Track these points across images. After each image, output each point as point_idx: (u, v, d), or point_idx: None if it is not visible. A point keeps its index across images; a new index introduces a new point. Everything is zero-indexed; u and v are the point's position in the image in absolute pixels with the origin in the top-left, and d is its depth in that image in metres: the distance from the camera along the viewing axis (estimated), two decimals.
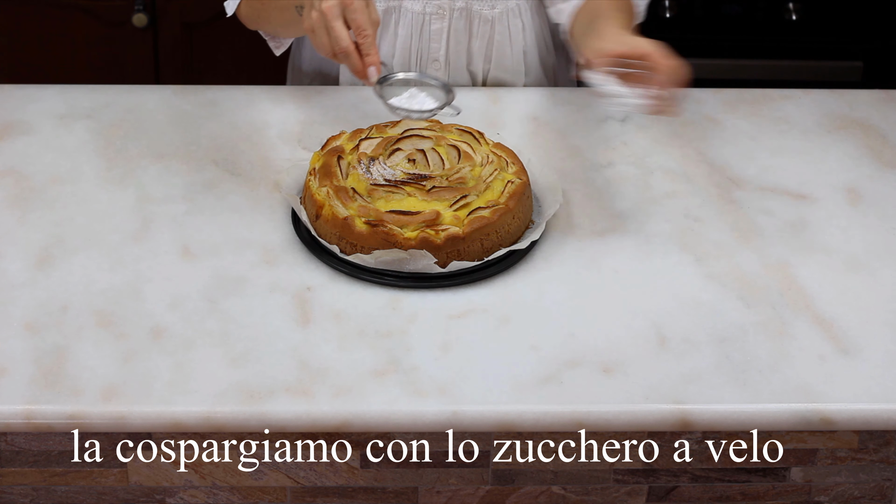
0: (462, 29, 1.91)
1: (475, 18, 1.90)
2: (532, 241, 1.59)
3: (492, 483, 1.51)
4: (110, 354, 1.42)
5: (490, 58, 1.94)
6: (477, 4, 1.90)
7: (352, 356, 1.43)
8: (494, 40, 1.93)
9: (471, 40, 1.92)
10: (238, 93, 1.89)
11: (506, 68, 1.95)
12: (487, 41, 1.93)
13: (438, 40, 1.91)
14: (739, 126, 1.87)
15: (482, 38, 1.92)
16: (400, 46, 1.91)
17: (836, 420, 1.39)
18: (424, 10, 1.88)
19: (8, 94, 1.88)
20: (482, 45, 1.93)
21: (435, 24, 1.90)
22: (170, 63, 2.72)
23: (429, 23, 1.89)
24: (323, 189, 1.58)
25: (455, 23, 1.90)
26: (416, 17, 1.89)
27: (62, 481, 1.48)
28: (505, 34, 1.92)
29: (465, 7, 1.90)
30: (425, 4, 1.88)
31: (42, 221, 1.63)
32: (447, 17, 1.89)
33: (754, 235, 1.64)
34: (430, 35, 1.90)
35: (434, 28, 1.90)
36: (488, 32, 1.92)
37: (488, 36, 1.92)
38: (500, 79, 1.96)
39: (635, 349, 1.45)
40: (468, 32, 1.92)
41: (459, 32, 1.91)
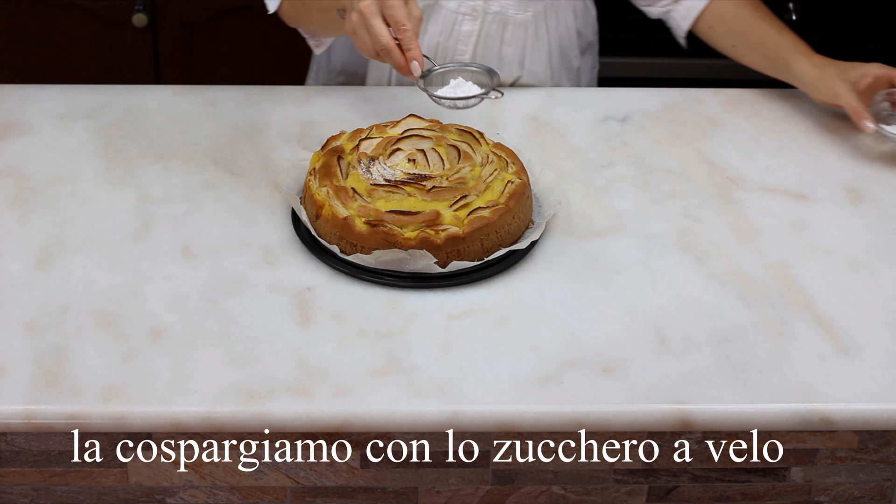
0: (494, 34, 1.90)
1: (509, 24, 1.89)
2: (532, 241, 1.59)
3: (492, 483, 1.51)
4: (110, 354, 1.42)
5: (524, 64, 1.93)
6: (512, 9, 1.89)
7: (352, 356, 1.43)
8: (528, 45, 1.92)
9: (503, 46, 1.91)
10: (238, 93, 1.89)
11: (535, 73, 1.95)
12: (521, 47, 1.92)
13: (467, 42, 1.90)
14: (739, 126, 1.87)
15: (516, 45, 1.91)
16: (427, 43, 1.90)
17: (836, 420, 1.39)
18: (458, 8, 1.87)
19: (8, 94, 1.88)
20: (516, 52, 1.92)
21: (466, 25, 1.89)
22: (170, 63, 2.72)
23: (460, 23, 1.88)
24: (323, 189, 1.58)
25: (488, 27, 1.89)
26: (448, 16, 1.88)
27: (62, 481, 1.48)
28: (535, 38, 1.92)
29: (499, 11, 1.89)
30: (460, 3, 1.87)
31: (42, 221, 1.63)
32: (480, 20, 1.88)
33: (754, 235, 1.64)
34: (460, 36, 1.89)
35: (465, 29, 1.89)
36: (522, 38, 1.91)
37: (522, 41, 1.91)
38: (530, 83, 1.96)
39: (635, 349, 1.45)
40: (500, 38, 1.91)
41: (491, 37, 1.90)
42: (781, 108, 1.91)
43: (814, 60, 1.83)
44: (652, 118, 1.87)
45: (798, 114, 1.90)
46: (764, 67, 1.90)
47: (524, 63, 1.94)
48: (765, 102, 1.92)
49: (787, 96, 1.94)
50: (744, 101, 1.92)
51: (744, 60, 1.92)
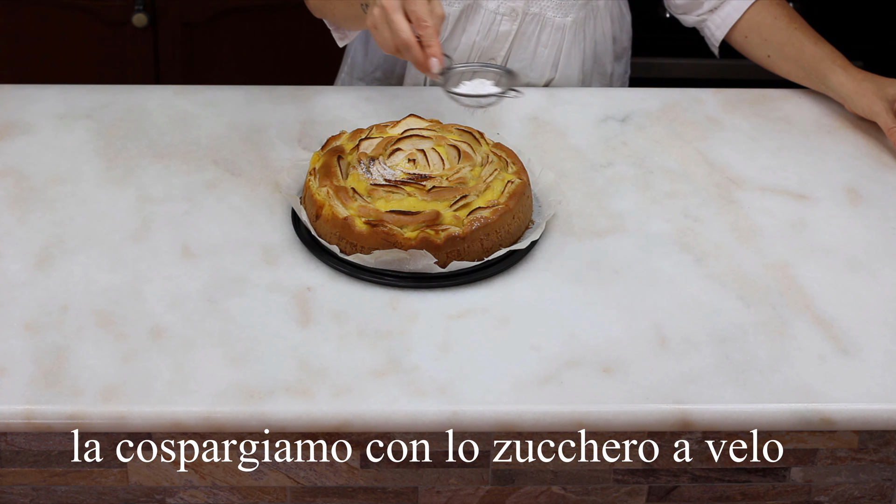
0: (531, 34, 1.90)
1: (547, 26, 1.90)
2: (532, 241, 1.59)
3: (492, 483, 1.51)
4: (110, 354, 1.42)
5: (557, 66, 1.93)
6: (551, 11, 1.89)
7: (352, 356, 1.43)
8: (563, 49, 1.92)
9: (538, 48, 1.92)
10: (238, 93, 1.89)
11: (568, 77, 1.95)
12: (557, 49, 1.92)
13: (504, 42, 1.90)
14: (739, 126, 1.87)
15: (552, 47, 1.91)
16: (465, 42, 1.90)
17: (836, 420, 1.39)
18: (497, 9, 1.88)
19: (8, 94, 1.88)
20: (551, 53, 1.92)
21: (504, 25, 1.89)
22: (170, 63, 2.72)
23: (498, 23, 1.89)
24: (323, 189, 1.58)
25: (525, 27, 1.90)
26: (487, 16, 1.88)
27: (62, 481, 1.48)
28: (572, 42, 1.92)
29: (538, 13, 1.89)
30: (499, 4, 1.87)
31: (42, 221, 1.63)
32: (518, 21, 1.89)
33: (754, 235, 1.64)
34: (497, 36, 1.89)
35: (502, 30, 1.89)
36: (559, 41, 1.91)
37: (558, 44, 1.91)
38: (561, 86, 1.96)
39: (635, 349, 1.45)
40: (536, 40, 1.91)
41: (527, 38, 1.91)
42: (781, 108, 1.91)
43: (851, 73, 1.83)
44: (652, 118, 1.87)
45: (798, 114, 1.90)
46: (800, 78, 1.90)
47: (558, 66, 1.94)
48: (765, 102, 1.92)
49: (787, 96, 1.94)
50: (744, 101, 1.92)
51: (780, 71, 1.92)
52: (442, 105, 1.87)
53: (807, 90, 1.96)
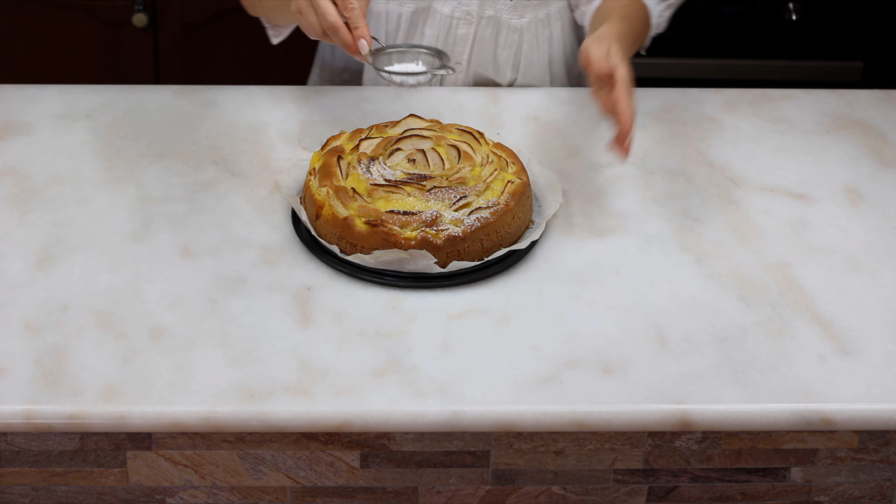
0: (489, 37, 1.91)
1: (503, 28, 1.90)
2: (532, 241, 1.59)
3: (492, 483, 1.51)
4: (110, 354, 1.42)
5: (518, 67, 1.94)
6: (506, 14, 1.89)
7: (352, 356, 1.43)
8: (522, 50, 1.92)
9: (497, 49, 1.92)
10: (238, 93, 1.89)
11: (532, 77, 1.95)
12: (515, 50, 1.92)
13: (463, 45, 1.90)
14: (739, 126, 1.87)
15: (510, 48, 1.92)
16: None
17: (836, 420, 1.39)
18: (453, 13, 1.88)
19: (8, 94, 1.88)
20: (510, 55, 1.92)
21: (462, 29, 1.89)
22: (170, 63, 2.72)
23: (455, 27, 1.89)
24: (323, 189, 1.58)
25: (482, 30, 1.90)
26: (443, 20, 1.88)
27: (62, 481, 1.48)
28: (533, 44, 1.92)
29: (494, 16, 1.89)
30: (454, 8, 1.87)
31: (42, 221, 1.63)
32: (475, 24, 1.89)
33: (754, 235, 1.64)
34: (456, 39, 1.90)
35: (460, 33, 1.89)
36: (516, 42, 1.91)
37: (516, 45, 1.92)
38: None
39: (635, 349, 1.45)
40: (494, 41, 1.91)
41: (486, 41, 1.91)
42: (781, 108, 1.91)
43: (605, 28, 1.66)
44: (652, 118, 1.87)
45: (798, 114, 1.90)
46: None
47: (519, 67, 1.94)
48: (765, 102, 1.92)
49: (788, 96, 1.94)
50: (744, 101, 1.92)
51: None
52: (442, 105, 1.87)
53: (807, 90, 1.96)
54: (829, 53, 2.66)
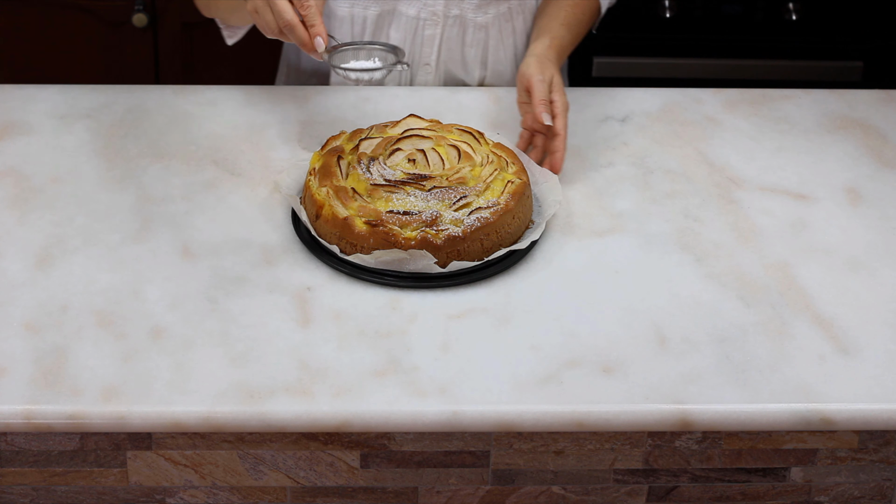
0: (455, 37, 1.91)
1: (469, 26, 1.91)
2: (532, 241, 1.59)
3: (492, 483, 1.51)
4: (110, 354, 1.42)
5: (486, 64, 1.94)
6: (471, 12, 1.90)
7: (352, 356, 1.43)
8: (489, 46, 1.93)
9: (465, 48, 1.92)
10: (238, 93, 1.89)
11: (500, 73, 1.96)
12: (482, 48, 1.93)
13: (431, 46, 1.91)
14: (739, 126, 1.87)
15: (477, 46, 1.92)
16: None
17: (836, 420, 1.39)
18: (419, 14, 1.88)
19: (8, 94, 1.88)
20: (477, 53, 1.93)
21: (428, 29, 1.90)
22: (170, 63, 2.72)
23: (422, 28, 1.89)
24: (323, 189, 1.58)
25: (448, 30, 1.91)
26: (409, 22, 1.89)
27: (62, 481, 1.48)
28: (498, 39, 1.93)
29: (459, 14, 1.90)
30: (420, 10, 1.88)
31: (42, 221, 1.63)
32: (440, 24, 1.89)
33: (754, 235, 1.64)
34: (423, 40, 1.90)
35: (427, 34, 1.90)
36: (483, 39, 1.92)
37: (483, 42, 1.92)
38: (495, 82, 1.96)
39: (635, 349, 1.45)
40: (462, 40, 1.92)
41: (452, 40, 1.92)
42: (781, 108, 1.91)
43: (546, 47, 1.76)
44: (652, 118, 1.87)
45: (798, 114, 1.90)
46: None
47: (487, 64, 1.94)
48: (765, 102, 1.92)
49: (788, 96, 1.94)
50: (744, 101, 1.92)
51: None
52: (442, 105, 1.87)
53: (807, 90, 1.96)
54: (829, 53, 2.66)
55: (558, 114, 1.69)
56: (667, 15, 2.60)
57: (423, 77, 1.93)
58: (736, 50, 2.65)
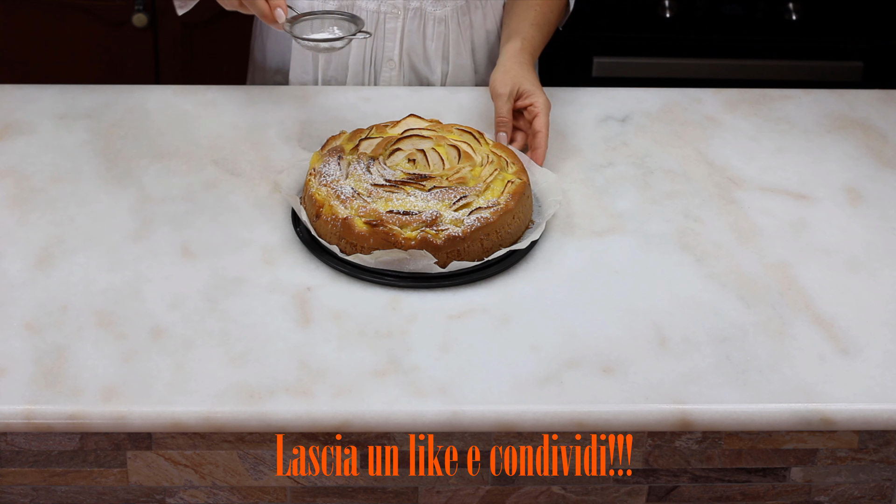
0: (416, 29, 1.91)
1: (429, 19, 1.91)
2: (532, 241, 1.59)
3: (492, 483, 1.51)
4: (110, 354, 1.42)
5: (447, 58, 1.94)
6: (430, 6, 1.90)
7: (352, 356, 1.43)
8: (450, 40, 1.93)
9: (426, 41, 1.92)
10: (238, 93, 1.89)
11: (460, 68, 1.96)
12: (443, 41, 1.93)
13: (393, 39, 1.91)
14: (739, 126, 1.87)
15: (437, 39, 1.92)
16: (355, 44, 1.91)
17: (836, 420, 1.39)
18: (379, 8, 1.89)
19: (8, 94, 1.88)
20: (438, 46, 1.93)
21: (389, 23, 1.90)
22: (170, 63, 2.72)
23: (384, 22, 1.90)
24: (323, 189, 1.58)
25: (409, 23, 1.91)
26: (370, 16, 1.89)
27: (62, 481, 1.48)
28: (458, 32, 1.93)
29: (418, 7, 1.90)
30: (380, 3, 1.88)
31: (42, 221, 1.63)
32: (401, 17, 1.90)
33: (754, 235, 1.64)
34: (385, 34, 1.90)
35: (389, 27, 1.90)
36: (443, 32, 1.92)
37: (443, 36, 1.92)
38: (458, 77, 1.96)
39: (635, 349, 1.45)
40: (422, 33, 1.92)
41: (413, 33, 1.92)
42: (781, 108, 1.91)
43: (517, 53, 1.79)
44: (652, 118, 1.87)
45: (798, 114, 1.90)
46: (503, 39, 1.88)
47: (448, 58, 1.94)
48: (765, 102, 1.92)
49: (788, 96, 1.94)
50: (744, 101, 1.92)
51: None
52: (442, 105, 1.87)
53: (807, 90, 1.96)
54: (829, 53, 2.66)
55: (538, 114, 1.73)
56: (667, 15, 2.60)
57: (386, 74, 1.93)
58: (736, 50, 2.65)
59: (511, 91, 1.74)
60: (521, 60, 1.78)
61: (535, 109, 1.73)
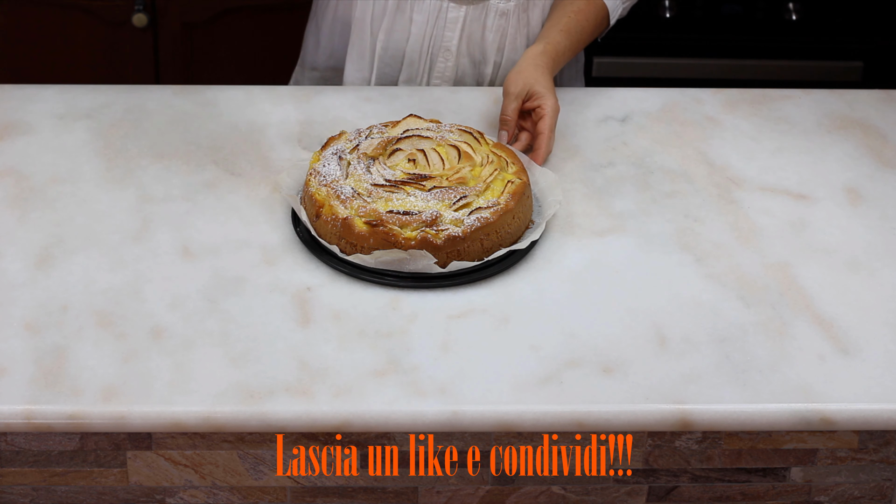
0: (477, 19, 1.91)
1: (491, 11, 1.91)
2: (532, 241, 1.59)
3: (492, 483, 1.51)
4: (110, 354, 1.42)
5: (503, 50, 1.94)
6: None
7: (352, 356, 1.43)
8: (508, 33, 1.93)
9: (484, 32, 1.93)
10: (238, 93, 1.89)
11: (513, 62, 1.96)
12: (501, 34, 1.93)
13: (454, 29, 1.91)
14: (739, 126, 1.87)
15: (496, 31, 1.93)
16: (415, 32, 1.90)
17: (836, 420, 1.39)
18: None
19: (8, 94, 1.88)
20: (496, 38, 1.93)
21: (452, 12, 1.90)
22: (170, 63, 2.72)
23: (446, 10, 1.89)
24: (323, 189, 1.58)
25: (472, 13, 1.91)
26: (433, 5, 1.89)
27: (62, 481, 1.48)
28: (516, 27, 1.93)
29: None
30: None
31: (42, 221, 1.63)
32: (464, 7, 1.90)
33: (754, 235, 1.64)
34: (447, 23, 1.90)
35: (451, 17, 1.90)
36: (503, 26, 1.92)
37: (502, 29, 1.92)
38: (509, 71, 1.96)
39: (635, 349, 1.45)
40: (483, 24, 1.92)
41: (474, 24, 1.92)
42: (781, 108, 1.91)
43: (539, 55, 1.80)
44: (652, 118, 1.87)
45: (798, 114, 1.90)
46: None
47: (503, 51, 1.95)
48: (765, 102, 1.92)
49: (788, 96, 1.94)
50: (744, 101, 1.92)
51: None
52: (442, 105, 1.87)
53: (807, 90, 1.96)
54: (829, 53, 2.66)
55: (544, 116, 1.73)
56: (667, 15, 2.60)
57: (441, 64, 1.93)
58: (736, 50, 2.65)
59: (520, 91, 1.74)
60: (539, 63, 1.78)
61: (541, 111, 1.73)
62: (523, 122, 1.77)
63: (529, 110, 1.76)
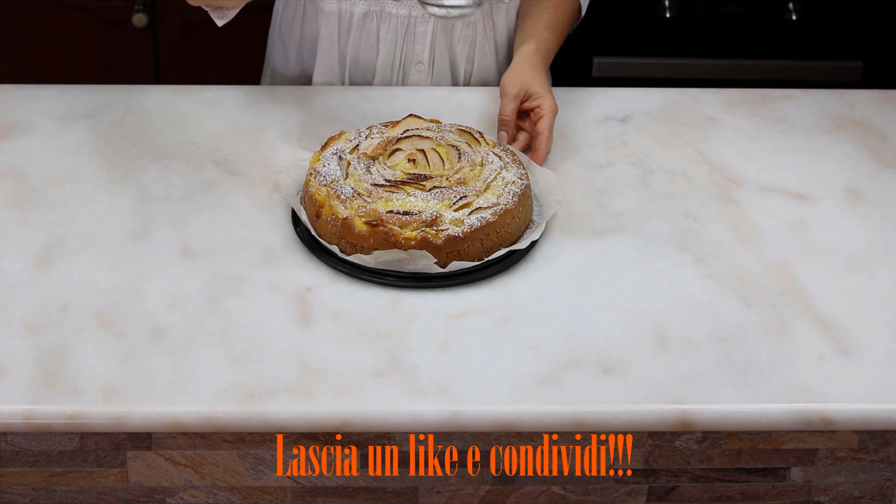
0: (444, 30, 1.91)
1: (457, 22, 1.91)
2: (532, 241, 1.59)
3: (492, 483, 1.51)
4: (110, 354, 1.42)
5: (472, 59, 1.94)
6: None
7: (352, 356, 1.43)
8: (476, 41, 1.93)
9: (453, 43, 1.93)
10: (238, 93, 1.89)
11: (484, 68, 1.96)
12: (470, 43, 1.93)
13: (423, 43, 1.91)
14: (739, 126, 1.87)
15: (464, 41, 1.93)
16: (384, 49, 1.91)
17: (836, 420, 1.39)
18: (410, 13, 1.88)
19: (8, 94, 1.88)
20: (464, 48, 1.93)
21: (420, 27, 1.90)
22: (170, 63, 2.72)
23: (414, 26, 1.90)
24: (323, 189, 1.58)
25: (439, 24, 1.91)
26: (401, 21, 1.89)
27: (62, 481, 1.48)
28: (483, 34, 1.93)
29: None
30: (411, 8, 1.88)
31: (42, 221, 1.63)
32: (432, 21, 1.90)
33: (754, 235, 1.64)
34: (415, 38, 1.91)
35: (419, 31, 1.90)
36: (470, 35, 1.92)
37: (470, 38, 1.93)
38: (482, 77, 1.96)
39: (635, 349, 1.45)
40: (450, 36, 1.92)
41: (442, 36, 1.92)
42: (781, 108, 1.91)
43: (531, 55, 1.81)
44: (652, 118, 1.87)
45: (798, 114, 1.90)
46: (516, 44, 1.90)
47: (473, 59, 1.95)
48: (765, 102, 1.92)
49: (788, 96, 1.94)
50: (744, 101, 1.92)
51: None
52: (442, 105, 1.87)
53: (807, 90, 1.96)
54: (829, 53, 2.66)
55: (543, 116, 1.74)
56: (667, 15, 2.60)
57: (414, 77, 1.93)
58: (736, 50, 2.65)
59: (518, 91, 1.75)
60: (534, 62, 1.79)
61: (540, 111, 1.73)
62: (521, 122, 1.77)
63: (528, 110, 1.76)
